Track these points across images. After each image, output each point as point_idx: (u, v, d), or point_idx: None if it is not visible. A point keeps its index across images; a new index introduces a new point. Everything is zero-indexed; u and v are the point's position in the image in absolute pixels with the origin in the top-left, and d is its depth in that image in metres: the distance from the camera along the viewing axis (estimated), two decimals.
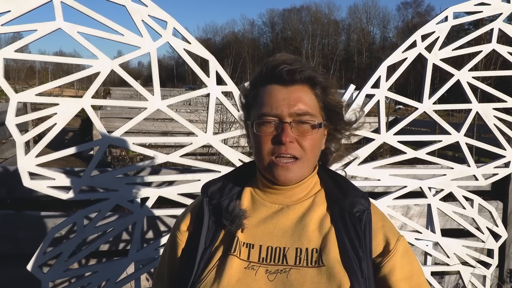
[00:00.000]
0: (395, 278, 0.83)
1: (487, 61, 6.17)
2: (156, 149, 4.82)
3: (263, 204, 0.88)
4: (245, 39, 69.20)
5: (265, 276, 0.79)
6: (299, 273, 0.79)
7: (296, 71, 0.82)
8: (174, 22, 1.67)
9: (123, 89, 18.74)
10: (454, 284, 2.57)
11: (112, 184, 1.68)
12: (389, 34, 64.51)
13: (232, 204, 0.86)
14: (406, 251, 0.86)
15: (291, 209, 0.87)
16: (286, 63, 0.83)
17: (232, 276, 0.79)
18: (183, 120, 1.77)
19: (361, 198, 0.87)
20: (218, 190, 0.91)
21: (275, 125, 0.82)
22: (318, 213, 0.86)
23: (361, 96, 1.87)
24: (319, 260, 0.80)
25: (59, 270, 1.63)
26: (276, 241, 0.83)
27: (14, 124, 1.52)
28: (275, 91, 0.83)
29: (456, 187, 2.00)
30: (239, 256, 0.82)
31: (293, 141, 0.82)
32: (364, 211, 0.85)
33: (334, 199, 0.88)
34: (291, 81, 0.83)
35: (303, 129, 0.82)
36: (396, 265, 0.84)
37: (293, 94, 0.82)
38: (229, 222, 0.84)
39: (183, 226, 0.92)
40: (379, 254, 0.85)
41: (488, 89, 1.98)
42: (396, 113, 18.26)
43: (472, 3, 1.92)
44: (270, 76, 0.84)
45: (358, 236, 0.82)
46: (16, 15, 1.49)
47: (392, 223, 0.91)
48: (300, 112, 0.82)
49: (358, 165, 1.90)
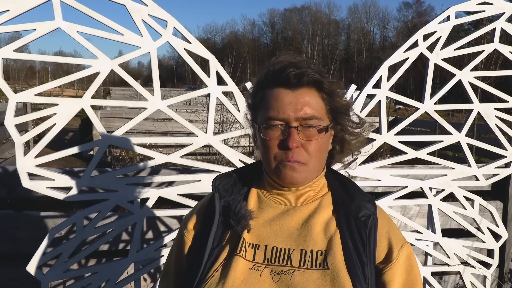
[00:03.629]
0: (394, 287, 0.83)
1: (487, 61, 6.15)
2: (156, 149, 4.81)
3: (269, 205, 0.88)
4: (245, 39, 69.19)
5: (270, 277, 0.79)
6: (303, 275, 0.79)
7: (304, 74, 0.81)
8: (175, 22, 1.66)
9: (123, 89, 18.72)
10: (454, 284, 2.56)
11: (112, 184, 1.67)
12: (389, 34, 64.55)
13: (238, 205, 0.86)
14: (407, 258, 0.86)
15: (297, 210, 0.86)
16: (292, 66, 0.82)
17: (237, 277, 0.79)
18: (183, 120, 1.76)
19: (368, 202, 0.87)
20: (230, 188, 0.91)
21: (282, 130, 0.82)
22: (324, 215, 0.86)
23: (362, 96, 1.86)
24: (324, 262, 0.80)
25: (58, 270, 1.62)
26: (282, 242, 0.83)
27: (13, 125, 1.51)
28: (282, 95, 0.83)
29: (457, 187, 2.00)
30: (245, 257, 0.82)
31: (299, 146, 0.81)
32: (370, 216, 0.84)
33: (341, 202, 0.87)
34: (298, 84, 0.82)
35: (309, 133, 0.82)
36: (396, 274, 0.84)
37: (299, 97, 0.82)
38: (235, 222, 0.84)
39: (190, 225, 0.92)
40: (382, 260, 0.85)
41: (490, 89, 1.98)
42: (396, 113, 18.27)
43: (474, 2, 1.91)
44: (277, 79, 0.83)
45: (362, 241, 0.82)
46: (15, 14, 1.48)
47: (398, 229, 0.91)
48: (307, 116, 0.81)
49: (359, 165, 1.89)
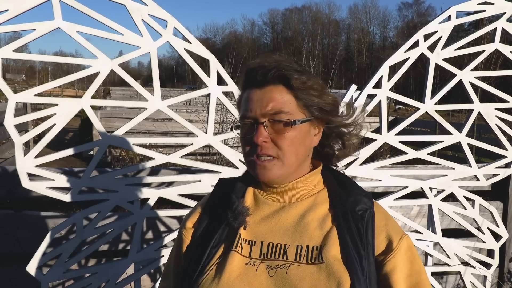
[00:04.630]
0: (396, 276, 0.84)
1: (487, 61, 6.15)
2: (156, 149, 4.81)
3: (265, 202, 0.90)
4: (245, 39, 69.21)
5: (265, 272, 0.81)
6: (298, 269, 0.80)
7: (268, 72, 0.83)
8: (175, 22, 1.66)
9: (123, 89, 18.69)
10: (455, 284, 2.56)
11: (112, 185, 1.67)
12: (389, 34, 64.56)
13: (236, 202, 0.87)
14: (409, 249, 0.86)
15: (293, 207, 0.87)
16: (260, 66, 0.85)
17: (233, 272, 0.81)
18: (183, 120, 1.76)
19: (364, 197, 0.88)
20: (232, 191, 0.92)
21: (251, 126, 0.84)
22: (320, 211, 0.87)
23: (362, 96, 1.86)
24: (319, 257, 0.81)
25: (58, 271, 1.62)
26: (278, 238, 0.84)
27: (13, 125, 1.51)
28: (251, 94, 0.86)
29: (457, 188, 2.00)
30: (241, 252, 0.84)
31: (268, 141, 0.83)
32: (367, 210, 0.86)
33: (337, 198, 0.88)
34: (264, 82, 0.84)
35: (277, 127, 0.83)
36: (397, 263, 0.84)
37: (266, 94, 0.84)
38: (232, 219, 0.85)
39: (189, 224, 0.94)
40: (381, 252, 0.85)
41: (490, 89, 1.97)
42: (396, 113, 18.28)
43: (475, 2, 1.90)
44: (248, 80, 0.87)
45: (360, 234, 0.83)
46: (15, 14, 1.48)
47: (396, 222, 0.92)
48: (273, 111, 0.83)
49: (359, 166, 1.89)
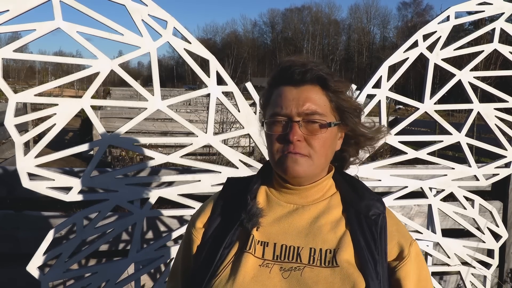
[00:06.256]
0: (407, 283, 0.85)
1: (487, 61, 6.16)
2: (156, 149, 4.81)
3: (278, 203, 0.89)
4: (245, 39, 69.18)
5: (279, 274, 0.80)
6: (313, 271, 0.80)
7: (307, 71, 0.84)
8: (174, 22, 1.66)
9: (123, 89, 18.68)
10: (455, 284, 2.56)
11: (112, 184, 1.67)
12: (389, 34, 64.57)
13: (250, 203, 0.87)
14: (418, 255, 0.88)
15: (306, 209, 0.87)
16: (297, 64, 0.85)
17: (247, 273, 0.80)
18: (183, 120, 1.76)
19: (377, 201, 0.88)
20: (242, 189, 0.92)
21: (285, 124, 0.84)
22: (334, 215, 0.87)
23: (362, 96, 1.86)
24: (333, 260, 0.81)
25: (59, 270, 1.62)
26: (291, 240, 0.84)
27: (13, 125, 1.50)
28: (286, 92, 0.85)
29: (457, 187, 2.00)
30: (254, 254, 0.83)
31: (302, 140, 0.83)
32: (380, 214, 0.86)
33: (350, 202, 0.89)
34: (301, 81, 0.84)
35: (312, 128, 0.84)
36: (409, 271, 0.85)
37: (302, 94, 0.84)
38: (246, 220, 0.85)
39: (199, 223, 0.93)
40: (394, 258, 0.86)
41: (490, 89, 1.98)
42: (396, 113, 18.28)
43: (474, 2, 1.91)
44: (282, 77, 0.87)
45: (374, 239, 0.83)
46: (15, 15, 1.48)
47: (405, 227, 0.92)
48: (309, 111, 0.83)
49: (359, 166, 1.89)
